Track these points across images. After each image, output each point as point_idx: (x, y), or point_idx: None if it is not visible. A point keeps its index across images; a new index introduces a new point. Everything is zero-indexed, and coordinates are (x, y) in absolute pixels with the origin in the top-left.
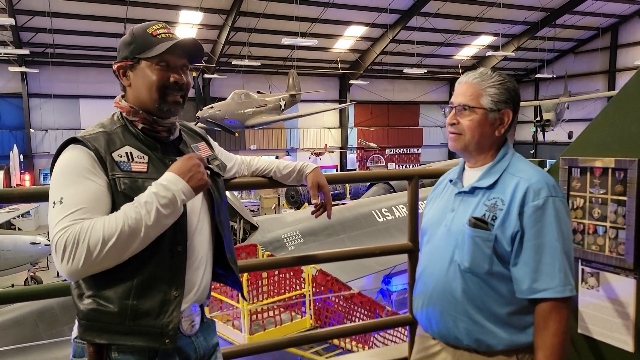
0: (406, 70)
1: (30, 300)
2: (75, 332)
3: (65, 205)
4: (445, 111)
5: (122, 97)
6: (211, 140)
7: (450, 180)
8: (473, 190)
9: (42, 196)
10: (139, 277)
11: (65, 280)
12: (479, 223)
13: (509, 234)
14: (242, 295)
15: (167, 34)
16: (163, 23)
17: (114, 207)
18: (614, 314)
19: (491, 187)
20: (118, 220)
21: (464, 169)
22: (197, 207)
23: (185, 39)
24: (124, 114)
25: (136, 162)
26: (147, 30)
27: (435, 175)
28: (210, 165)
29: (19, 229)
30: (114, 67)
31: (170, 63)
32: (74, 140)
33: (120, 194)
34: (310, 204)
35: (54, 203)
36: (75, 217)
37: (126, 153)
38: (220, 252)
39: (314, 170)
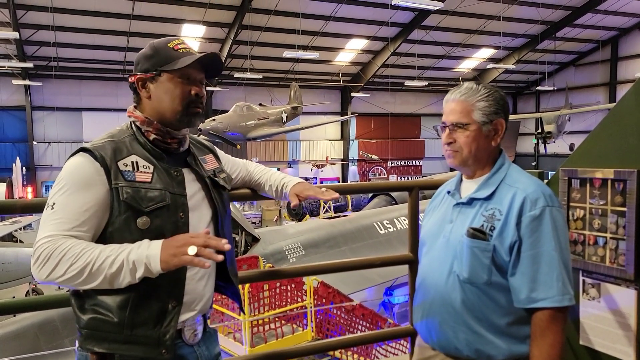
0: (407, 82)
1: (31, 311)
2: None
3: (55, 212)
4: (438, 130)
5: (135, 107)
6: (219, 152)
7: (448, 192)
8: (471, 202)
9: (44, 207)
10: (137, 287)
11: (67, 291)
12: (477, 233)
13: (507, 244)
14: (241, 308)
15: (187, 49)
16: (181, 39)
17: (112, 216)
18: (615, 326)
19: (489, 198)
20: (88, 257)
21: (461, 180)
22: (204, 219)
23: (208, 54)
24: (137, 124)
25: (141, 171)
26: (168, 44)
27: (435, 187)
28: (216, 178)
29: (21, 241)
30: (133, 78)
31: (191, 76)
32: (82, 150)
33: (123, 202)
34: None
35: (47, 206)
36: (60, 228)
37: (132, 162)
38: (222, 264)
39: (294, 186)
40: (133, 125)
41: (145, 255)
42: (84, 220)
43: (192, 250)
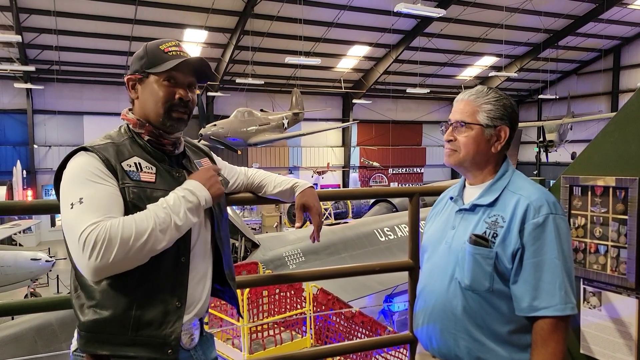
0: (409, 90)
1: (30, 313)
2: (74, 344)
3: (86, 204)
4: (443, 129)
5: (130, 110)
6: (215, 156)
7: (451, 198)
8: (474, 208)
9: (44, 209)
10: (141, 287)
11: (68, 293)
12: (479, 240)
13: (510, 252)
14: (238, 312)
15: (178, 52)
16: (176, 41)
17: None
18: (616, 334)
19: (492, 204)
20: (149, 219)
21: (464, 186)
22: (200, 222)
23: (192, 57)
24: (130, 126)
25: (145, 172)
26: (160, 46)
27: (436, 193)
28: None
29: (20, 244)
30: (125, 79)
31: (177, 80)
32: (83, 149)
33: (129, 202)
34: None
35: (71, 204)
36: (102, 214)
37: (135, 163)
38: (219, 268)
39: (303, 191)
40: (129, 128)
41: (203, 205)
42: (116, 208)
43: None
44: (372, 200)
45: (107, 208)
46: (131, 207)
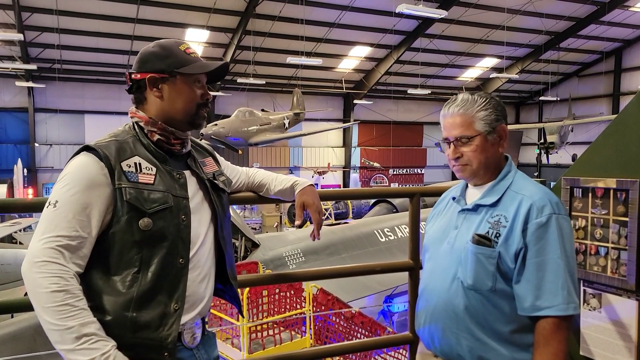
0: (410, 90)
1: (29, 311)
2: None
3: (57, 210)
4: (441, 145)
5: (136, 108)
6: (217, 156)
7: (453, 198)
8: (476, 208)
9: (46, 204)
10: (139, 289)
11: None
12: (482, 240)
13: (513, 251)
14: (240, 312)
15: (196, 54)
16: (187, 42)
17: (115, 216)
18: (616, 336)
19: (494, 204)
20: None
21: (466, 186)
22: (204, 221)
23: (223, 63)
24: (141, 124)
25: (144, 173)
26: (179, 47)
27: (437, 194)
28: (215, 181)
29: (21, 243)
30: (139, 76)
31: (202, 81)
32: (86, 148)
33: (126, 203)
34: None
35: (49, 202)
36: (60, 235)
37: (135, 163)
38: (221, 267)
39: (303, 189)
40: (136, 126)
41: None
42: (86, 222)
43: None
44: (373, 201)
45: (74, 224)
46: (128, 207)
